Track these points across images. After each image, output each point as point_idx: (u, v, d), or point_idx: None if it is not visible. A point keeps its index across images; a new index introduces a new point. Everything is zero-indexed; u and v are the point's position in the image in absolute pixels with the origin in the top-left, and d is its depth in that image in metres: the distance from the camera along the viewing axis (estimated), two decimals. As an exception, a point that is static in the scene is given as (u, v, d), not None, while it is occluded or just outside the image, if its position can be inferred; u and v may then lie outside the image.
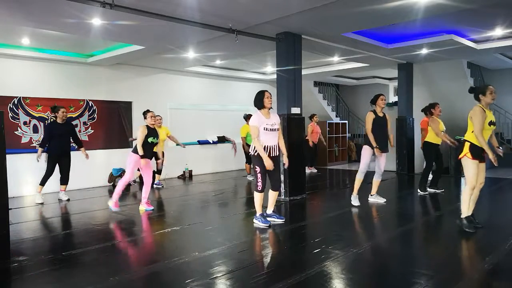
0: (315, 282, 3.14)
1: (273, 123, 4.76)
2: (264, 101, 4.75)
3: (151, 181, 5.99)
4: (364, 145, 5.96)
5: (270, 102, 4.80)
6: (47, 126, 6.78)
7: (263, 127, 4.68)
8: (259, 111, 4.79)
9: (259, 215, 4.93)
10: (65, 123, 6.76)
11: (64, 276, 3.47)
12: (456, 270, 3.49)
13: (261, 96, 4.79)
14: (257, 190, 4.82)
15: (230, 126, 11.11)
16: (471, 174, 4.29)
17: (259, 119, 4.71)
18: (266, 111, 4.79)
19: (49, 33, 6.24)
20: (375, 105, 6.01)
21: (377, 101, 5.97)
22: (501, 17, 6.37)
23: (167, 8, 4.98)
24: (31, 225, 5.34)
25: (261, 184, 4.78)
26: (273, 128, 4.75)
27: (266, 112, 4.78)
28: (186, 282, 3.17)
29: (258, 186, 4.79)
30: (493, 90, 4.29)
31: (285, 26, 6.17)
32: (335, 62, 10.05)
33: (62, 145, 6.66)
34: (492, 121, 4.28)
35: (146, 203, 5.96)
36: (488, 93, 4.26)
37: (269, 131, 4.72)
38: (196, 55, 8.10)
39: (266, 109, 4.79)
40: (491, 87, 4.30)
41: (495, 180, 8.49)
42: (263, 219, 4.87)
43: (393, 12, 5.47)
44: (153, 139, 5.78)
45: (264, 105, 4.76)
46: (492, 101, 4.29)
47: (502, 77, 11.75)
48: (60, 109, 6.67)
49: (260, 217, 4.91)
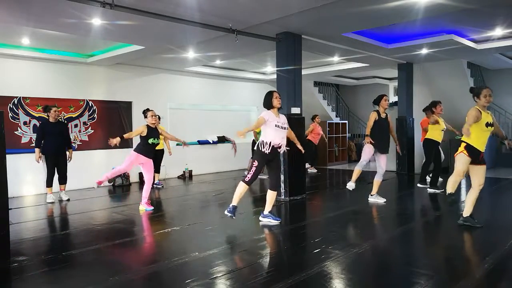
0: (315, 282, 3.14)
1: (283, 122, 4.82)
2: (273, 101, 4.80)
3: (152, 181, 6.00)
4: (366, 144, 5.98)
5: (279, 102, 4.85)
6: (39, 126, 6.78)
7: (275, 124, 4.72)
8: (269, 111, 4.82)
9: (232, 206, 4.90)
10: (57, 122, 6.76)
11: (64, 276, 3.47)
12: (456, 270, 3.50)
13: (270, 97, 4.84)
14: (245, 180, 4.82)
15: (230, 126, 11.11)
16: (460, 167, 4.36)
17: (270, 116, 4.75)
18: (275, 111, 4.84)
19: (49, 33, 6.24)
20: (378, 106, 6.00)
21: (381, 101, 5.97)
22: (501, 17, 6.37)
23: (167, 8, 4.98)
24: (31, 225, 5.34)
25: (251, 177, 4.77)
26: (283, 127, 4.80)
27: (275, 112, 4.83)
28: (186, 282, 3.17)
29: (247, 177, 4.79)
30: (487, 93, 4.31)
31: (285, 26, 6.17)
32: (335, 62, 10.05)
33: (56, 144, 6.67)
34: (489, 123, 4.30)
35: (146, 203, 5.96)
36: (482, 96, 4.31)
37: (280, 128, 4.76)
38: (196, 55, 8.10)
39: (275, 109, 4.83)
40: (485, 90, 4.33)
41: (495, 180, 8.49)
42: (232, 210, 4.88)
43: (393, 12, 5.47)
44: (153, 140, 5.78)
45: (273, 105, 4.81)
46: (487, 104, 4.32)
47: (502, 77, 11.74)
48: (51, 109, 6.67)
49: (232, 207, 4.89)
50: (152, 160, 5.98)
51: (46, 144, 6.61)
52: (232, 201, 4.91)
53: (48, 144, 6.61)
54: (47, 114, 6.73)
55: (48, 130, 6.61)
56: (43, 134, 6.58)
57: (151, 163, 5.94)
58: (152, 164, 5.98)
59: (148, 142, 5.74)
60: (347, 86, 14.84)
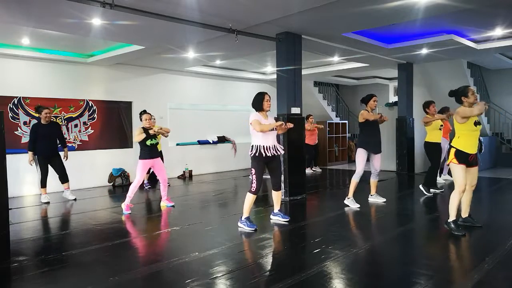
0: (315, 282, 3.14)
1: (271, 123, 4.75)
2: (264, 104, 4.74)
3: (166, 178, 6.18)
4: (358, 148, 5.88)
5: (269, 106, 4.78)
6: (31, 128, 6.76)
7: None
8: (257, 113, 4.77)
9: (244, 218, 4.79)
10: (49, 123, 6.74)
11: (64, 276, 3.47)
12: (456, 270, 3.50)
13: (260, 99, 4.75)
14: (251, 191, 4.73)
15: (230, 126, 11.12)
16: (459, 179, 4.30)
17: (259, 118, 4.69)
18: (264, 113, 4.79)
19: (49, 33, 6.24)
20: (366, 105, 5.90)
21: (369, 101, 5.84)
22: (501, 17, 6.37)
23: (167, 8, 4.98)
24: (31, 225, 5.33)
25: (256, 186, 4.69)
26: (272, 128, 4.74)
27: (264, 115, 4.79)
28: (186, 282, 3.17)
29: (253, 187, 4.70)
30: (474, 91, 4.37)
31: (285, 26, 6.17)
32: (335, 62, 10.05)
33: (48, 146, 6.66)
34: (477, 121, 4.32)
35: (167, 199, 6.23)
36: (470, 94, 4.32)
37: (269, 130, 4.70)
38: (196, 55, 8.10)
39: (264, 112, 4.79)
40: (469, 88, 4.37)
41: (495, 180, 8.49)
42: (249, 223, 4.74)
43: (393, 12, 5.47)
44: (151, 140, 5.86)
45: (263, 108, 4.75)
46: (475, 101, 4.33)
47: (502, 77, 11.74)
48: (43, 110, 6.66)
49: (246, 220, 4.77)
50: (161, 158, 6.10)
51: (38, 146, 6.60)
52: (243, 214, 4.81)
53: (40, 145, 6.60)
54: (39, 116, 6.73)
55: (40, 132, 6.60)
56: (35, 136, 6.58)
57: (160, 163, 6.06)
58: (161, 163, 6.11)
59: (147, 144, 5.83)
60: (347, 86, 14.84)
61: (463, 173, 4.30)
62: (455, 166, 4.32)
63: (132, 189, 5.81)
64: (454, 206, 4.34)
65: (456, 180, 4.33)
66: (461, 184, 4.29)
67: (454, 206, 4.34)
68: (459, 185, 4.30)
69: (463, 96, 4.35)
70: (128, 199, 5.85)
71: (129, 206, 5.86)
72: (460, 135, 4.32)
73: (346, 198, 5.97)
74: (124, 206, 5.84)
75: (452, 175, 4.40)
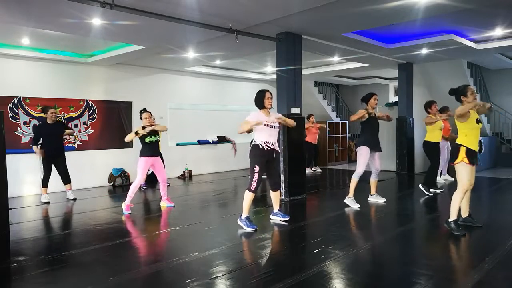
0: (315, 282, 3.14)
1: (273, 121, 4.75)
2: (265, 102, 4.74)
3: (165, 178, 6.19)
4: (361, 146, 5.86)
5: (270, 103, 4.78)
6: (36, 126, 6.84)
7: (264, 123, 4.67)
8: (259, 111, 4.78)
9: (244, 218, 4.76)
10: (55, 123, 6.78)
11: (64, 276, 3.47)
12: (456, 270, 3.50)
13: (261, 96, 4.76)
14: (250, 189, 4.69)
15: (230, 126, 11.11)
16: (465, 179, 4.29)
17: (258, 117, 4.70)
18: (266, 111, 4.79)
19: (49, 33, 6.24)
20: (366, 104, 5.89)
21: (370, 100, 5.83)
22: (501, 17, 6.36)
23: (167, 8, 4.97)
24: (31, 225, 5.33)
25: (256, 184, 4.67)
26: (273, 125, 4.74)
27: (266, 112, 4.79)
28: (186, 282, 3.17)
29: (252, 186, 4.67)
30: (473, 90, 4.36)
31: (285, 26, 6.17)
32: (335, 62, 10.05)
33: (52, 145, 6.70)
34: (478, 119, 4.32)
35: (167, 199, 6.22)
36: (469, 93, 4.31)
37: (270, 127, 4.71)
38: (196, 55, 8.10)
39: (266, 109, 4.80)
40: (469, 87, 4.36)
41: (495, 180, 8.49)
42: (249, 223, 4.72)
43: (393, 12, 5.47)
44: (150, 138, 5.86)
45: (265, 105, 4.76)
46: (474, 100, 4.31)
47: (502, 77, 11.74)
48: (49, 110, 6.72)
49: (246, 220, 4.75)
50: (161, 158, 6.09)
51: (43, 145, 6.66)
52: (243, 212, 4.78)
53: (45, 145, 6.66)
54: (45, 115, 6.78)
55: (45, 131, 6.68)
56: (40, 135, 6.66)
57: (160, 162, 6.06)
58: (161, 162, 6.12)
59: (146, 142, 5.84)
60: (347, 86, 14.84)
61: (470, 173, 4.29)
62: (464, 165, 4.28)
63: (132, 188, 5.82)
64: (456, 205, 4.34)
65: (461, 180, 4.31)
66: (465, 183, 4.28)
67: (456, 206, 4.34)
68: (463, 184, 4.29)
69: (462, 95, 4.35)
70: (129, 198, 5.86)
71: (129, 206, 5.86)
72: (467, 133, 4.30)
73: (347, 197, 5.97)
74: (124, 206, 5.84)
75: (457, 174, 4.37)
